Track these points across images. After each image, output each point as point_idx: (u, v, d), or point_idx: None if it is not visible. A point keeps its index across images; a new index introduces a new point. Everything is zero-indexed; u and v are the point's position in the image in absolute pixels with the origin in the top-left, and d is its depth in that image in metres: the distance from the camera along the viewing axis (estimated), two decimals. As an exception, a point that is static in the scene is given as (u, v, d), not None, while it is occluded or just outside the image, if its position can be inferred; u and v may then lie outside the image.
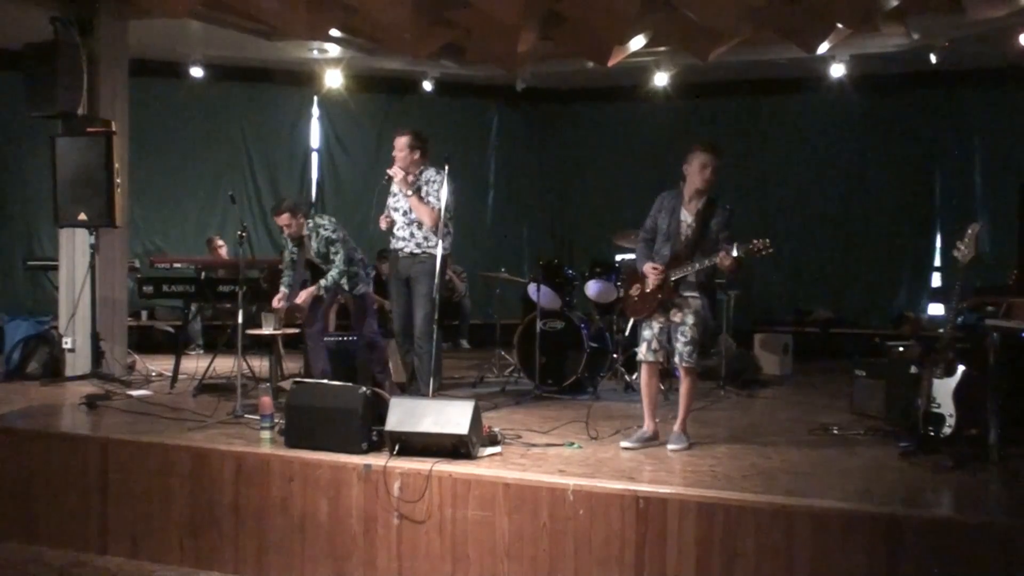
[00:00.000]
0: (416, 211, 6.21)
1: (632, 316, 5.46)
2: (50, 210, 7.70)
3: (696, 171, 5.22)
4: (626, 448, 5.23)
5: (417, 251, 6.25)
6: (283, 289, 6.56)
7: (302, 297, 6.46)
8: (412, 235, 6.27)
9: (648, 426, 5.37)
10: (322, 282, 6.47)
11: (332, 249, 6.52)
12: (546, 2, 7.99)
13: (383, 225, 6.35)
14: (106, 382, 7.14)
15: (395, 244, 6.36)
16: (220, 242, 10.20)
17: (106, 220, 7.37)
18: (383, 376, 6.78)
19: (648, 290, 5.30)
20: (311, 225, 6.61)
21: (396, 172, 6.19)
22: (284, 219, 6.55)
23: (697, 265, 5.14)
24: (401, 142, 6.22)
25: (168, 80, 10.35)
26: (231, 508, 4.96)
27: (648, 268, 5.28)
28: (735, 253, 4.97)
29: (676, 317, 5.26)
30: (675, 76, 10.28)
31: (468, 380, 7.96)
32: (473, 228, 11.41)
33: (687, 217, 5.28)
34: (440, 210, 6.01)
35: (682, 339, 5.23)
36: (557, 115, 12.24)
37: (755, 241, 4.96)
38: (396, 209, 6.35)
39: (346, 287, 6.63)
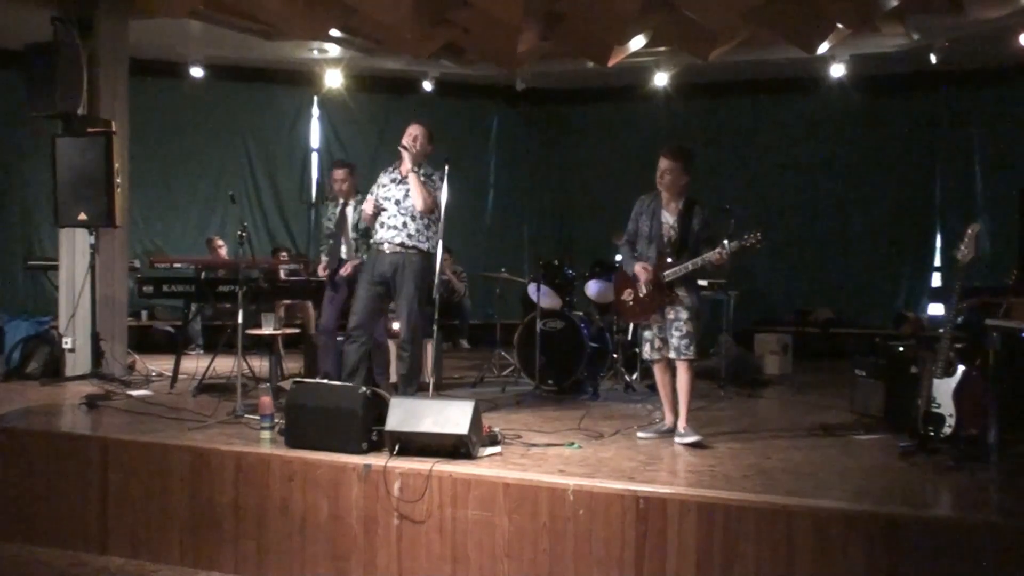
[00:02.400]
0: (414, 190, 5.98)
1: (632, 321, 5.56)
2: (50, 210, 7.70)
3: (657, 176, 5.44)
4: (642, 438, 5.42)
5: (408, 242, 6.02)
6: (323, 258, 6.57)
7: (347, 270, 6.55)
8: (404, 225, 6.03)
9: (668, 419, 5.49)
10: (364, 256, 6.53)
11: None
12: (546, 2, 7.99)
13: (368, 208, 6.17)
14: (106, 382, 7.14)
15: (380, 236, 6.11)
16: (220, 242, 10.19)
17: (106, 220, 7.36)
18: (381, 377, 6.77)
19: (643, 294, 5.41)
20: (359, 198, 6.64)
21: (410, 148, 6.03)
22: (341, 174, 6.68)
23: (691, 265, 5.26)
24: (422, 130, 6.11)
25: (168, 80, 10.36)
26: (231, 508, 4.95)
27: (639, 268, 5.38)
28: (729, 249, 5.14)
29: (670, 315, 5.37)
30: (675, 76, 10.29)
31: (468, 380, 7.96)
32: (473, 228, 11.42)
33: (669, 219, 5.42)
34: (437, 199, 5.94)
35: (677, 334, 5.33)
36: (557, 115, 12.23)
37: (747, 236, 5.15)
38: (387, 198, 6.13)
39: None
